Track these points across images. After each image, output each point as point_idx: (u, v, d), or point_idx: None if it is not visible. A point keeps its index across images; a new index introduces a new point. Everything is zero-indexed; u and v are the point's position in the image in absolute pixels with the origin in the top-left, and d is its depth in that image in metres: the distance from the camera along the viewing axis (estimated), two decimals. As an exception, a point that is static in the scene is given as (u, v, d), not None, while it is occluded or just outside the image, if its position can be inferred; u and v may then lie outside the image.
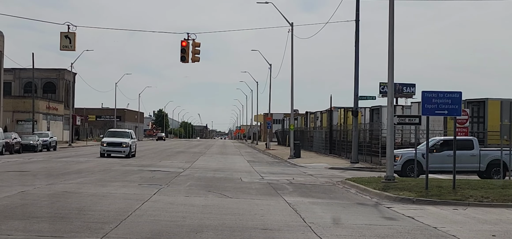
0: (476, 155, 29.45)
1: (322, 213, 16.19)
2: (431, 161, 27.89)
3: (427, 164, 22.47)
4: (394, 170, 28.17)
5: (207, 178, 27.13)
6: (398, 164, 28.86)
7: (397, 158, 28.99)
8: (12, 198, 17.21)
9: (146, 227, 12.89)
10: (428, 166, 22.84)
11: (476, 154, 29.53)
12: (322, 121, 64.59)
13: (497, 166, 28.78)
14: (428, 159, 22.64)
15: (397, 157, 29.06)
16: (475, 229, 14.34)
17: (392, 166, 24.65)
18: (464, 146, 29.38)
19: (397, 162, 28.77)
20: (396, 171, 28.40)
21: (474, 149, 29.60)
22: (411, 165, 28.73)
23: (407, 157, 29.35)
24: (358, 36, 40.16)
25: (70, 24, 36.39)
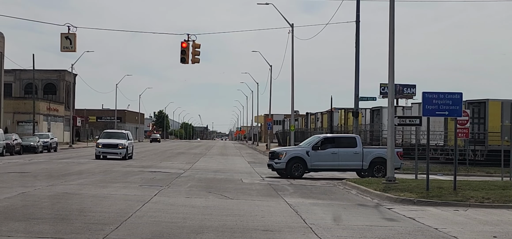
0: (359, 153, 29.07)
1: (323, 214, 16.18)
2: (315, 158, 28.71)
3: (391, 163, 22.42)
4: (278, 168, 29.10)
5: (207, 179, 27.12)
6: (282, 161, 28.69)
7: (281, 155, 28.96)
8: (13, 199, 17.21)
9: (146, 228, 12.88)
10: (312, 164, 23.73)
11: (359, 151, 29.13)
12: (322, 122, 64.63)
13: (379, 164, 28.58)
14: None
15: (281, 154, 29.04)
16: (476, 230, 14.33)
17: (393, 167, 24.61)
18: (347, 143, 29.47)
19: (281, 159, 28.75)
20: (280, 169, 29.06)
21: (357, 147, 29.17)
22: (296, 163, 28.62)
23: (291, 154, 29.02)
24: (359, 37, 40.07)
25: (70, 25, 36.42)
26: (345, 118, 53.43)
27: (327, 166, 29.15)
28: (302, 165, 28.68)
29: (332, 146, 29.13)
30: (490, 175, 31.66)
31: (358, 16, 40.29)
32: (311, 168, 28.87)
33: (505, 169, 27.94)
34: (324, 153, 28.87)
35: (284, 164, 28.72)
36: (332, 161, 29.01)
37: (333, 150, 28.97)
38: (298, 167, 28.65)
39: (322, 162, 28.87)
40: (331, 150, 28.91)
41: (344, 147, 29.16)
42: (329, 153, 28.91)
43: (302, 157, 28.78)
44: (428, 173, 21.94)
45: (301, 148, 29.82)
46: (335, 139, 30.88)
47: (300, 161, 28.79)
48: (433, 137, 36.58)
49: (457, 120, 22.83)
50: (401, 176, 28.40)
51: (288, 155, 28.95)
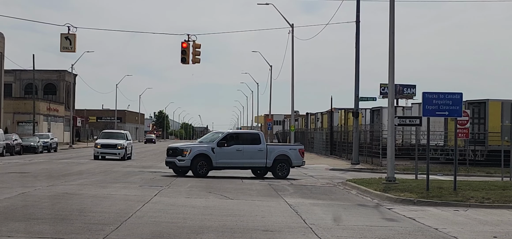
0: (264, 150, 28.24)
1: (323, 215, 16.19)
2: (220, 156, 27.61)
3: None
4: (182, 166, 27.40)
5: (207, 179, 27.11)
6: (187, 159, 27.23)
7: (185, 152, 27.40)
8: (13, 200, 17.22)
9: (146, 228, 12.89)
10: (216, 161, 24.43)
11: (264, 149, 28.31)
12: (322, 122, 64.59)
13: (282, 161, 28.19)
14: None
15: (185, 151, 27.46)
16: (476, 230, 14.33)
17: (393, 167, 24.64)
18: (251, 140, 28.63)
19: (185, 156, 27.27)
20: (184, 167, 27.44)
21: (261, 144, 28.37)
22: (201, 161, 27.32)
23: (197, 151, 27.52)
24: (359, 37, 40.18)
25: (70, 26, 36.42)
26: (345, 118, 53.38)
27: (233, 163, 28.09)
28: (207, 163, 27.38)
29: (236, 142, 28.03)
30: (490, 175, 31.65)
31: (358, 16, 40.37)
32: (216, 165, 27.69)
33: (505, 169, 27.93)
34: (230, 150, 27.73)
35: (189, 162, 27.22)
36: (237, 158, 27.92)
37: (238, 147, 27.90)
38: (203, 165, 27.31)
39: (228, 160, 27.76)
40: (236, 147, 27.83)
41: (249, 143, 28.20)
42: (234, 150, 27.80)
43: (208, 154, 27.40)
44: (428, 173, 21.95)
45: (207, 144, 28.08)
46: (239, 135, 29.71)
47: (206, 158, 27.40)
48: (433, 137, 36.56)
49: (457, 120, 22.84)
50: (401, 176, 28.43)
51: (193, 152, 27.36)
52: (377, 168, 36.03)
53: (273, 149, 28.82)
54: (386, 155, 26.70)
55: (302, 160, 29.30)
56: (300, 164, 29.21)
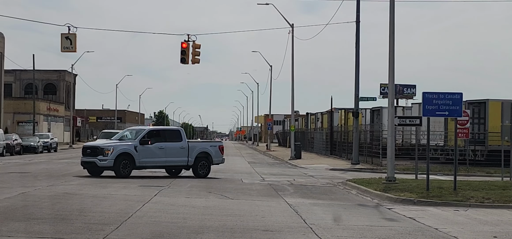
0: (185, 147, 26.95)
1: (323, 214, 16.19)
2: (143, 154, 26.02)
3: None
4: (104, 167, 25.74)
5: (207, 179, 27.11)
6: (109, 158, 25.59)
7: (107, 151, 25.75)
8: (13, 200, 17.22)
9: (146, 228, 12.89)
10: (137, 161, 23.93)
11: (185, 146, 26.98)
12: (322, 122, 64.60)
13: (203, 159, 27.11)
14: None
15: (107, 150, 25.80)
16: (476, 230, 14.33)
17: (393, 167, 24.62)
18: (173, 137, 27.14)
19: (108, 156, 25.63)
20: (106, 167, 25.82)
21: (182, 141, 27.06)
22: (124, 160, 25.69)
23: (120, 150, 25.84)
24: (359, 37, 40.16)
25: (70, 26, 36.43)
26: (345, 118, 53.37)
27: (156, 163, 26.69)
28: (130, 162, 25.78)
29: (158, 140, 26.57)
30: (490, 175, 31.64)
31: (358, 17, 40.36)
32: (139, 165, 26.18)
33: (505, 169, 27.92)
34: (152, 148, 26.28)
35: (112, 161, 25.54)
36: (160, 157, 26.51)
37: (160, 144, 26.47)
38: (126, 164, 25.66)
39: (151, 158, 26.30)
40: (158, 145, 26.39)
41: (170, 141, 26.82)
42: (157, 147, 26.38)
43: (131, 153, 25.79)
44: (428, 173, 21.94)
45: (129, 143, 26.25)
46: (160, 131, 28.13)
47: (129, 157, 25.76)
48: (433, 137, 36.56)
49: (457, 120, 22.84)
50: (401, 176, 28.41)
51: (116, 151, 25.68)
52: (377, 168, 36.02)
53: (195, 146, 27.55)
54: (386, 155, 26.67)
55: (222, 157, 28.08)
56: (220, 161, 27.93)
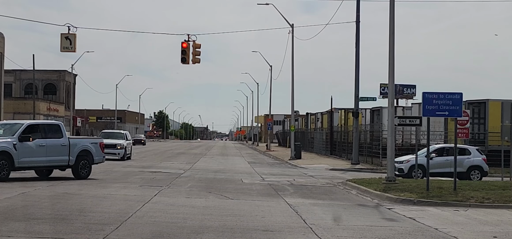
0: (66, 145, 24.31)
1: (323, 215, 16.18)
2: (23, 153, 22.95)
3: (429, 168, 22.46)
4: None
5: (207, 179, 27.12)
6: None
7: None
8: (13, 200, 17.21)
9: (146, 228, 12.88)
10: None
11: (66, 143, 24.34)
12: (322, 122, 64.59)
13: (84, 158, 24.74)
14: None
15: None
16: (476, 230, 14.33)
17: (393, 167, 24.60)
18: (52, 133, 24.29)
19: None
20: None
21: (63, 137, 24.35)
22: (2, 160, 22.39)
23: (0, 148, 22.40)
24: (359, 37, 40.17)
25: (70, 26, 36.43)
26: (345, 118, 53.38)
27: (37, 163, 23.72)
28: (9, 163, 22.50)
29: (38, 135, 23.61)
30: (490, 175, 31.66)
31: (358, 16, 40.36)
32: (18, 166, 23.04)
33: (505, 169, 27.94)
34: (32, 146, 23.28)
35: None
36: (41, 156, 23.59)
37: (41, 141, 23.54)
38: (3, 165, 22.40)
39: (31, 158, 23.28)
40: (39, 142, 23.45)
41: (51, 137, 23.98)
42: (38, 145, 23.43)
43: (10, 152, 22.53)
44: (428, 173, 21.94)
45: (7, 139, 22.82)
46: (40, 126, 24.66)
47: (7, 157, 22.48)
48: (433, 137, 36.56)
49: (457, 120, 22.84)
50: (401, 176, 28.41)
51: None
52: (377, 168, 36.03)
53: (76, 143, 24.95)
54: (386, 155, 26.66)
55: (103, 155, 26.06)
56: (101, 160, 25.88)
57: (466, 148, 30.99)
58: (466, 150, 30.23)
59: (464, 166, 29.01)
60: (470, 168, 29.11)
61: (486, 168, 29.45)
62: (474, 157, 29.40)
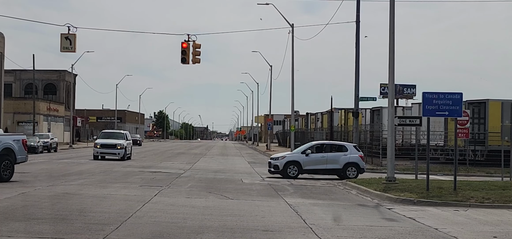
0: None
1: (323, 215, 16.18)
2: None
3: None
4: None
5: (208, 179, 27.13)
6: None
7: None
8: (13, 200, 17.21)
9: (147, 228, 12.89)
10: None
11: None
12: (322, 122, 64.62)
13: (6, 158, 22.48)
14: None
15: None
16: (476, 230, 14.33)
17: (393, 167, 24.61)
18: None
19: None
20: None
21: None
22: None
23: None
24: (359, 37, 40.12)
25: (70, 26, 36.43)
26: (345, 118, 53.42)
27: None
28: None
29: None
30: (490, 175, 31.66)
31: (358, 16, 40.32)
32: None
33: (505, 169, 27.94)
34: None
35: None
36: None
37: None
38: None
39: None
40: None
41: None
42: None
43: None
44: (428, 173, 21.94)
45: None
46: None
47: None
48: (433, 137, 36.57)
49: (457, 120, 22.83)
50: (401, 176, 28.43)
51: None
52: (377, 168, 36.02)
53: None
54: (386, 155, 26.67)
55: (26, 154, 24.12)
56: (24, 159, 23.88)
57: (343, 144, 31.05)
58: (343, 146, 30.13)
59: (341, 163, 28.84)
60: (347, 164, 28.80)
61: (363, 165, 29.21)
62: (351, 153, 29.09)
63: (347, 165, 28.89)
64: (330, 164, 29.02)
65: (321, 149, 29.84)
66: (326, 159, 29.03)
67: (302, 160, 28.92)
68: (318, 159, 29.04)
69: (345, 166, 28.87)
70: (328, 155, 29.22)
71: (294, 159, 29.10)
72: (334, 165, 28.99)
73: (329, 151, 29.70)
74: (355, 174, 28.75)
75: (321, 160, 29.03)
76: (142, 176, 27.40)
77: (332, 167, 28.99)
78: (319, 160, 29.02)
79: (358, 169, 29.00)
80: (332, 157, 29.18)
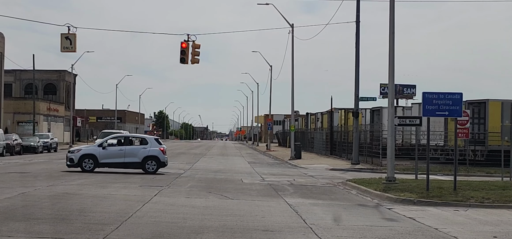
0: None
1: (323, 215, 16.18)
2: None
3: None
4: None
5: (208, 179, 27.13)
6: None
7: None
8: (13, 200, 17.22)
9: (147, 228, 12.89)
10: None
11: None
12: (322, 122, 64.59)
13: None
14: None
15: None
16: (476, 230, 14.33)
17: (393, 167, 24.58)
18: None
19: None
20: None
21: None
22: None
23: None
24: (359, 37, 40.16)
25: (70, 26, 36.46)
26: (345, 118, 53.37)
27: None
28: None
29: None
30: (490, 175, 31.65)
31: (358, 17, 40.35)
32: None
33: (505, 169, 27.93)
34: None
35: None
36: None
37: None
38: None
39: None
40: None
41: None
42: None
43: None
44: (428, 173, 21.94)
45: None
46: None
47: None
48: (433, 137, 36.56)
49: (457, 120, 22.83)
50: (401, 176, 28.41)
51: None
52: (377, 168, 36.02)
53: None
54: (386, 155, 26.64)
55: None
56: None
57: (144, 137, 30.70)
58: (144, 140, 29.78)
59: (140, 156, 28.55)
60: (146, 158, 28.52)
61: (163, 159, 28.87)
62: (151, 147, 28.79)
63: (146, 159, 28.52)
64: (128, 158, 28.49)
65: (121, 142, 29.32)
66: (124, 152, 28.45)
67: (99, 153, 28.32)
68: (116, 152, 28.51)
69: (145, 160, 28.50)
70: (127, 148, 28.69)
71: (90, 152, 28.40)
72: (133, 158, 28.52)
73: (129, 144, 29.15)
74: (155, 167, 28.38)
75: (119, 154, 28.49)
76: (142, 176, 27.39)
77: (131, 160, 28.52)
78: (117, 154, 28.48)
79: (158, 162, 28.59)
80: (130, 150, 28.64)
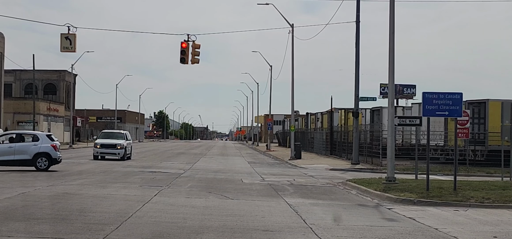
0: None
1: (323, 215, 16.18)
2: None
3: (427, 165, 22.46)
4: None
5: (208, 179, 27.12)
6: None
7: None
8: (13, 200, 17.21)
9: (147, 228, 12.88)
10: None
11: None
12: (322, 122, 64.58)
13: None
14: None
15: None
16: (476, 230, 14.33)
17: (393, 167, 24.59)
18: None
19: None
20: None
21: None
22: None
23: None
24: (359, 37, 40.16)
25: (70, 26, 36.47)
26: (345, 118, 53.37)
27: None
28: None
29: None
30: (490, 175, 31.65)
31: (358, 17, 40.35)
32: None
33: (505, 169, 27.93)
34: None
35: None
36: None
37: None
38: None
39: None
40: None
41: None
42: None
43: None
44: (428, 173, 21.94)
45: None
46: None
47: None
48: (433, 137, 36.56)
49: (457, 120, 22.83)
50: (401, 176, 28.42)
51: None
52: (377, 168, 36.01)
53: None
54: (386, 155, 26.64)
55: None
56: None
57: (35, 134, 30.23)
58: (35, 136, 29.34)
59: (30, 153, 28.17)
60: (36, 155, 28.16)
61: (55, 155, 28.41)
62: (41, 143, 28.38)
63: (37, 156, 28.20)
64: (18, 155, 28.11)
65: (13, 139, 28.95)
66: (14, 150, 28.09)
67: None
68: (5, 150, 28.16)
69: (35, 157, 28.19)
70: (16, 145, 28.34)
71: None
72: (23, 155, 28.18)
73: (19, 141, 28.79)
74: (47, 165, 28.04)
75: (8, 151, 28.13)
76: (142, 176, 27.40)
77: (21, 157, 28.17)
78: (6, 151, 28.12)
79: (50, 159, 28.25)
80: (20, 147, 28.28)
